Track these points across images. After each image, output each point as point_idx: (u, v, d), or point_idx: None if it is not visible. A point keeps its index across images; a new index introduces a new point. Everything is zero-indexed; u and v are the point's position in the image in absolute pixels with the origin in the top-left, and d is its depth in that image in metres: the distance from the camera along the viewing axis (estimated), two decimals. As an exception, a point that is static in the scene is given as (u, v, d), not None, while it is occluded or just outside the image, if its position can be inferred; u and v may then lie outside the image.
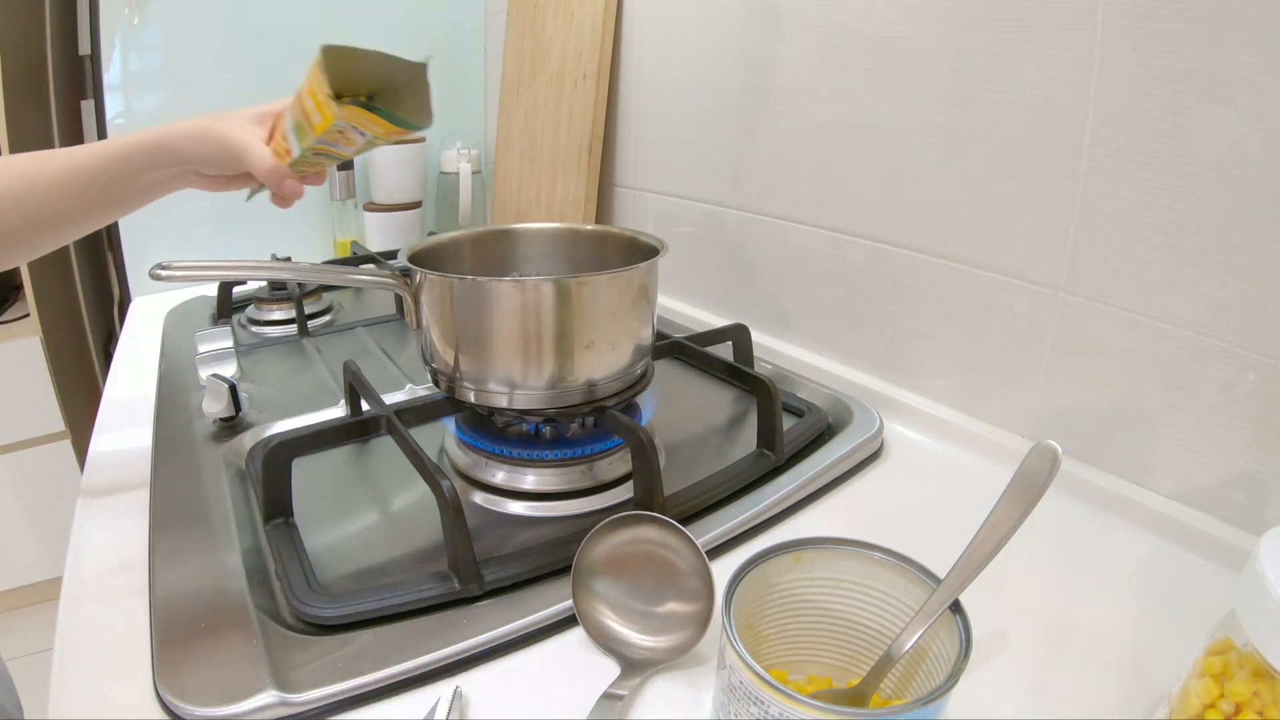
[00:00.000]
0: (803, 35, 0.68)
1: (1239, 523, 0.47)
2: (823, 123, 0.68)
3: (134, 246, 1.01)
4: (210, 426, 0.61)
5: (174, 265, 0.48)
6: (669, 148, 0.87)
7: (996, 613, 0.42)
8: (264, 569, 0.45)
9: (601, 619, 0.40)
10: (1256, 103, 0.42)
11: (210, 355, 0.69)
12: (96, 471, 0.58)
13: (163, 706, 0.35)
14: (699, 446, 0.60)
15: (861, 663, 0.36)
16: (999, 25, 0.53)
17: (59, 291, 1.48)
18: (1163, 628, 0.42)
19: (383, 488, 0.55)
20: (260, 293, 0.90)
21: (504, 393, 0.51)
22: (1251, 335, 0.44)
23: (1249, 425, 0.45)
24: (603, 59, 0.90)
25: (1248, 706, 0.28)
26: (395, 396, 0.66)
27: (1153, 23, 0.45)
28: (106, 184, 0.50)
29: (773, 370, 0.71)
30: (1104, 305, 0.51)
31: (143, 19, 0.96)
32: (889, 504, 0.54)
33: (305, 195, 0.57)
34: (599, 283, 0.49)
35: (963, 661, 0.29)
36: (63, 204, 0.49)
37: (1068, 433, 0.55)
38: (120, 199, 0.52)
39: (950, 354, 0.62)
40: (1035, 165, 0.53)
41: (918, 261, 0.63)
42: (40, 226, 0.50)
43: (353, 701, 0.36)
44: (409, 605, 0.41)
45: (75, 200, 0.50)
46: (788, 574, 0.35)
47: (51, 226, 0.50)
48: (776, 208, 0.75)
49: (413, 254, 0.56)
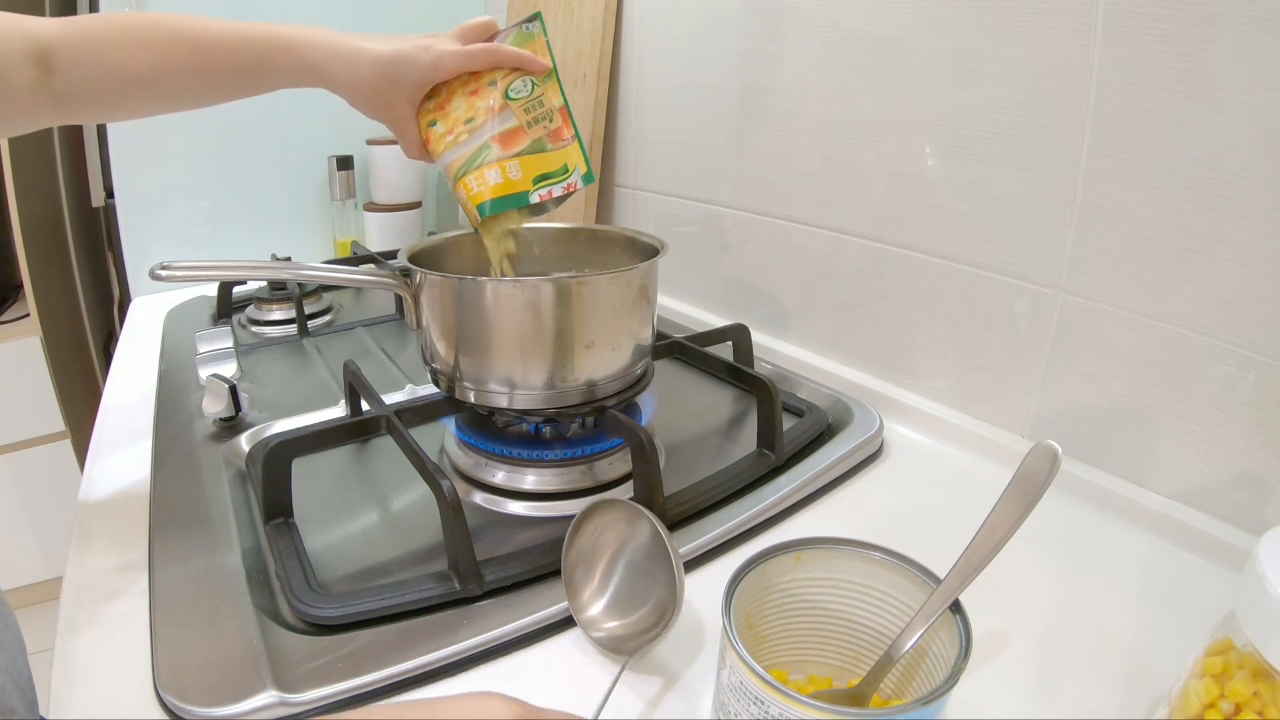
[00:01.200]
0: (803, 35, 0.68)
1: (1239, 523, 0.47)
2: (823, 123, 0.68)
3: (134, 246, 1.01)
4: (210, 426, 0.61)
5: (174, 265, 0.48)
6: (669, 148, 0.87)
7: (996, 613, 0.42)
8: (264, 569, 0.45)
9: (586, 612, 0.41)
10: (1255, 102, 0.42)
11: (210, 355, 0.69)
12: (96, 471, 0.58)
13: (163, 707, 0.35)
14: (699, 446, 0.60)
15: (861, 663, 0.36)
16: (999, 25, 0.53)
17: (59, 291, 1.49)
18: (1163, 628, 0.42)
19: (383, 488, 0.55)
20: (260, 293, 0.90)
21: (504, 393, 0.51)
22: (1251, 335, 0.44)
23: (1249, 425, 0.45)
24: (603, 59, 0.90)
25: (1248, 706, 0.28)
26: (395, 396, 0.66)
27: (1152, 23, 0.45)
28: (241, 68, 0.51)
29: (773, 370, 0.71)
30: (1104, 305, 0.51)
31: (143, 19, 0.96)
32: (889, 504, 0.54)
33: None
34: (599, 283, 0.49)
35: (963, 661, 0.29)
36: (196, 59, 0.50)
37: (1068, 433, 0.55)
38: (251, 85, 0.53)
39: (950, 354, 0.62)
40: (1035, 165, 0.53)
41: (918, 261, 0.63)
42: (172, 75, 0.50)
43: (353, 702, 0.36)
44: (409, 605, 0.41)
45: (209, 61, 0.50)
46: (788, 574, 0.35)
47: (183, 80, 0.51)
48: (776, 208, 0.75)
49: (413, 254, 0.56)
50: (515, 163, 0.51)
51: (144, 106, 0.52)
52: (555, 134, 0.52)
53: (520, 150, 0.51)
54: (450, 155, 0.52)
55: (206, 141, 1.03)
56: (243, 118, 1.04)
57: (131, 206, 1.00)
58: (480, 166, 0.51)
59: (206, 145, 1.03)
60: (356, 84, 0.51)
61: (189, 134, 1.01)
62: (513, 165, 0.51)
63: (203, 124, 1.02)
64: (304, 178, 1.11)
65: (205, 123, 1.02)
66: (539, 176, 0.51)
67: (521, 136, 0.51)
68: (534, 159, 0.51)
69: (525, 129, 0.51)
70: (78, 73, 0.48)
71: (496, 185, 0.50)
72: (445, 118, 0.52)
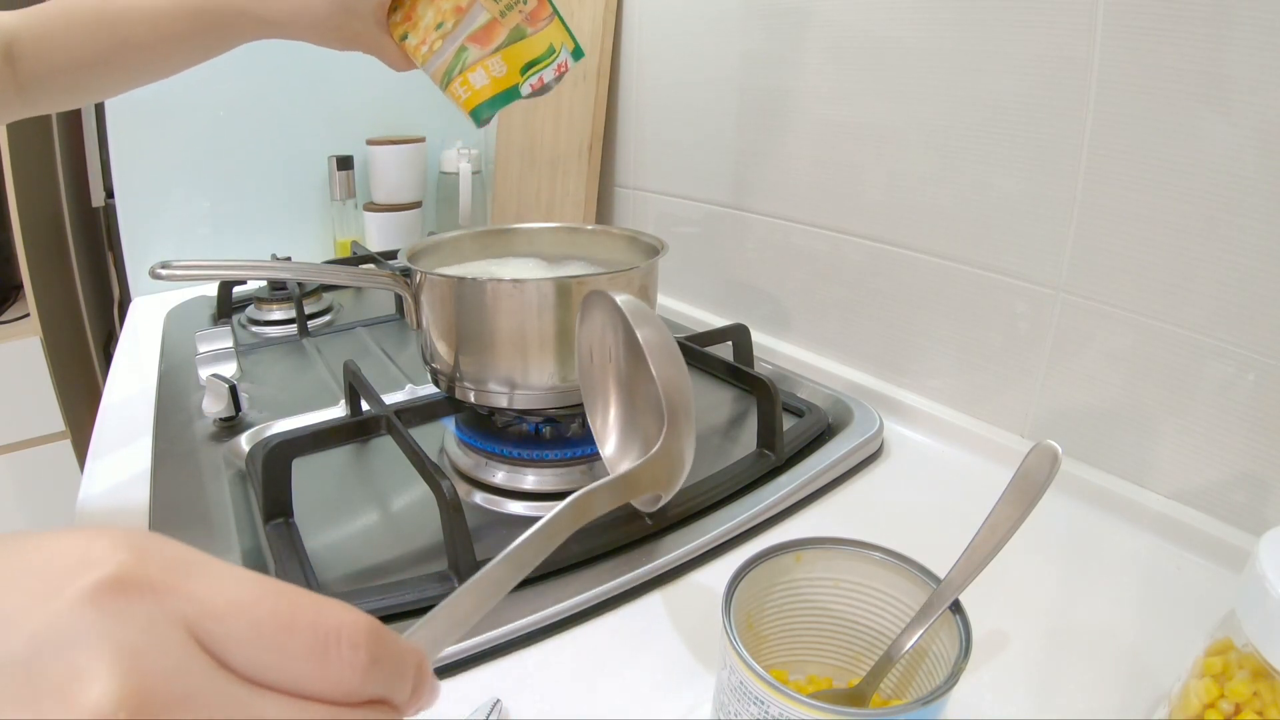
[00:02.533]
0: (803, 35, 0.68)
1: (1239, 523, 0.47)
2: (823, 122, 0.68)
3: (134, 246, 1.01)
4: (210, 426, 0.61)
5: (174, 264, 0.48)
6: (669, 148, 0.87)
7: (996, 613, 0.42)
8: (264, 569, 0.45)
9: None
10: (1255, 102, 0.42)
11: (210, 355, 0.69)
12: (96, 472, 0.58)
13: (163, 706, 0.35)
14: (699, 446, 0.59)
15: (861, 663, 0.36)
16: (999, 25, 0.53)
17: (59, 291, 1.48)
18: (1163, 628, 0.42)
19: (383, 488, 0.55)
20: (260, 293, 0.90)
21: (504, 393, 0.51)
22: (1251, 335, 0.44)
23: (1249, 425, 0.45)
24: (603, 59, 0.90)
25: (1248, 706, 0.28)
26: (395, 396, 0.66)
27: (1153, 23, 0.45)
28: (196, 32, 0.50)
29: (773, 370, 0.71)
30: (1104, 305, 0.51)
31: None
32: (889, 504, 0.54)
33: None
34: (599, 283, 0.49)
35: (963, 661, 0.29)
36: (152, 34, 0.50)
37: (1068, 433, 0.55)
38: (212, 48, 0.52)
39: (950, 354, 0.62)
40: (1035, 165, 0.53)
41: (918, 261, 0.63)
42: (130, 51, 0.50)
43: (353, 701, 0.36)
44: (409, 605, 0.41)
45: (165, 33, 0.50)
46: (788, 574, 0.35)
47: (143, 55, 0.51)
48: (776, 208, 0.75)
49: (413, 254, 0.56)
50: (497, 59, 0.48)
51: (106, 88, 0.53)
52: (532, 16, 0.49)
53: (499, 44, 0.49)
54: (430, 66, 0.50)
55: (206, 141, 1.03)
56: (243, 118, 1.04)
57: (131, 206, 0.99)
58: (463, 72, 0.49)
59: (206, 145, 1.03)
60: (317, 24, 0.50)
61: (189, 134, 1.01)
62: (495, 62, 0.48)
63: (203, 124, 1.02)
64: (304, 178, 1.11)
65: (205, 123, 1.02)
66: (525, 65, 0.49)
67: (497, 29, 0.48)
68: (516, 48, 0.49)
69: (499, 19, 0.48)
70: (40, 62, 0.48)
71: (483, 88, 0.49)
72: (415, 28, 0.50)
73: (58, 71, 0.49)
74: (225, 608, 0.17)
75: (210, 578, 0.17)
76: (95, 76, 0.51)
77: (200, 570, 0.17)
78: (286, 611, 0.17)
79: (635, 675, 0.38)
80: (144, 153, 0.99)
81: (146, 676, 0.15)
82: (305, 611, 0.18)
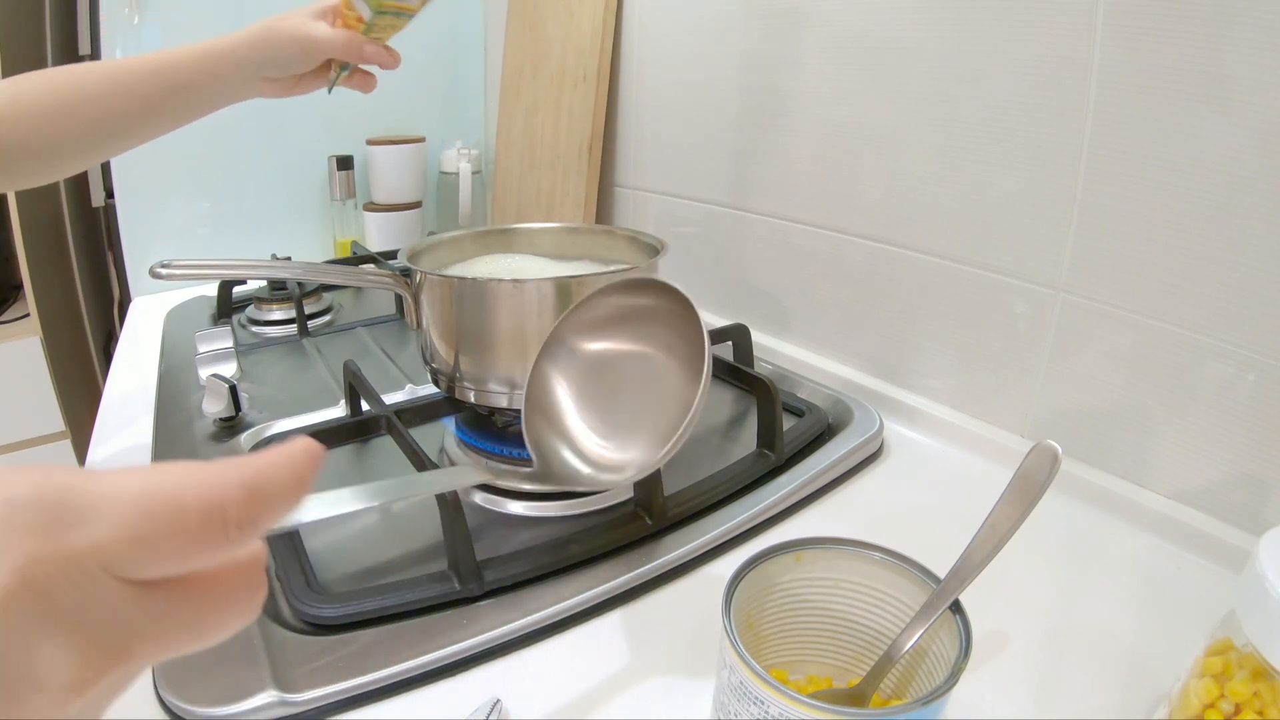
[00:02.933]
0: (803, 35, 0.68)
1: (1239, 523, 0.47)
2: (823, 122, 0.68)
3: (134, 246, 1.01)
4: (210, 426, 0.61)
5: (174, 264, 0.48)
6: (669, 148, 0.87)
7: (996, 613, 0.42)
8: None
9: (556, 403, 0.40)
10: (1255, 102, 0.42)
11: (210, 355, 0.69)
12: (96, 471, 0.58)
13: (163, 706, 0.35)
14: (699, 446, 0.60)
15: (861, 663, 0.36)
16: (999, 25, 0.53)
17: (59, 291, 1.48)
18: (1163, 628, 0.42)
19: (383, 488, 0.55)
20: (260, 292, 0.90)
21: (504, 393, 0.51)
22: (1251, 335, 0.44)
23: (1249, 425, 0.45)
24: (603, 59, 0.90)
25: (1248, 706, 0.28)
26: (395, 396, 0.66)
27: (1153, 23, 0.45)
28: (157, 96, 0.51)
29: (773, 370, 0.71)
30: (1104, 305, 0.51)
31: (143, 19, 0.96)
32: (889, 504, 0.54)
33: (378, 83, 0.61)
34: (599, 283, 0.49)
35: (963, 661, 0.29)
36: (111, 111, 0.50)
37: (1068, 433, 0.55)
38: (176, 111, 0.54)
39: (950, 354, 0.62)
40: (1035, 165, 0.53)
41: (918, 261, 0.63)
42: (94, 132, 0.51)
43: (353, 701, 0.36)
44: (409, 605, 0.41)
45: (126, 107, 0.51)
46: (788, 574, 0.35)
47: (106, 134, 0.52)
48: (776, 208, 0.75)
49: (413, 254, 0.56)
50: None
51: (86, 160, 0.53)
52: None
53: None
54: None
55: (206, 141, 1.02)
56: (243, 118, 1.03)
57: (131, 206, 0.99)
58: None
59: (206, 145, 1.02)
60: (256, 84, 0.55)
61: (189, 134, 1.00)
62: None
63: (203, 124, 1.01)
64: (304, 178, 1.11)
65: (205, 123, 1.02)
66: None
67: None
68: None
69: None
70: (17, 134, 0.48)
71: None
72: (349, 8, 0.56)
73: (38, 148, 0.50)
74: (112, 545, 0.17)
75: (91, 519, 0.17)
76: (76, 154, 0.52)
77: (76, 518, 0.16)
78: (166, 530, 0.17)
79: (635, 675, 0.38)
80: (144, 153, 0.97)
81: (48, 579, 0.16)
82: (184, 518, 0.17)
